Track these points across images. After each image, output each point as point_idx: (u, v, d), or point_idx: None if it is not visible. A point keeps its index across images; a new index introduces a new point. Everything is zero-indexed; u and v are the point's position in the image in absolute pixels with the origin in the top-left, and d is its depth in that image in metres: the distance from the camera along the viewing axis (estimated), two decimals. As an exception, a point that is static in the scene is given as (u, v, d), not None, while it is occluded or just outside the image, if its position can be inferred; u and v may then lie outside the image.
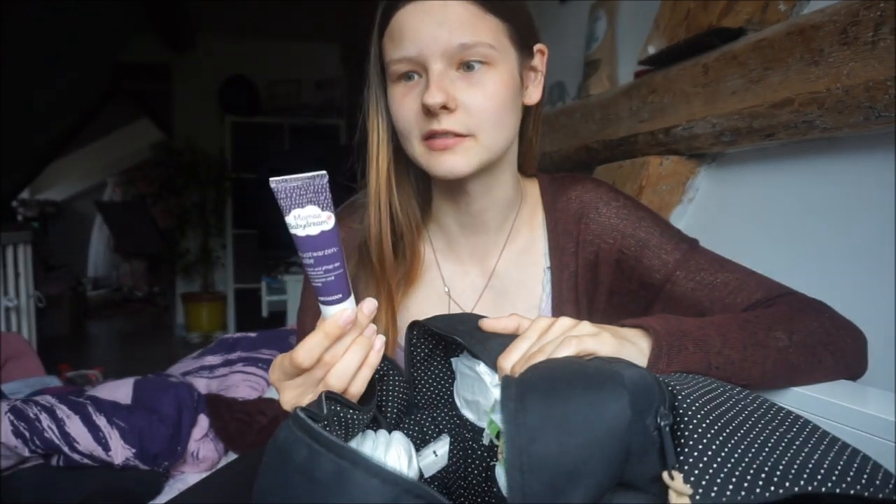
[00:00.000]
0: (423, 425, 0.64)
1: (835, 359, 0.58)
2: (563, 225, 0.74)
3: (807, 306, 0.62)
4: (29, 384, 1.80)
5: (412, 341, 0.64)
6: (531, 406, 0.33)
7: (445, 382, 0.65)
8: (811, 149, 0.94)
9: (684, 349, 0.52)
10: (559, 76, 1.76)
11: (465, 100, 0.62)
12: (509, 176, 0.73)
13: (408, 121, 0.64)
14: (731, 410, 0.40)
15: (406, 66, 0.63)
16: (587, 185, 0.75)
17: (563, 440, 0.32)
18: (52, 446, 1.21)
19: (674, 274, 0.68)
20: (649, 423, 0.35)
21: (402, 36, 0.62)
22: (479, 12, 0.61)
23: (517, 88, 0.66)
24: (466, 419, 0.58)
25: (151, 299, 6.47)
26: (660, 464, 0.35)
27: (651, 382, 0.37)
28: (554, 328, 0.51)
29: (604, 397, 0.34)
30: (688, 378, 0.47)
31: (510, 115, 0.66)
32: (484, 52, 0.61)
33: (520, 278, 0.76)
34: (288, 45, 4.58)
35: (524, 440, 0.32)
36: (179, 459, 1.35)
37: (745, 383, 0.54)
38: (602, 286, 0.73)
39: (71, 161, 6.39)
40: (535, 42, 0.69)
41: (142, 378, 1.53)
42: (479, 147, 0.64)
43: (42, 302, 2.67)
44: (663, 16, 1.18)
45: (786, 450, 0.36)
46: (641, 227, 0.71)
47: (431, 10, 0.60)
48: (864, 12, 0.73)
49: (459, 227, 0.75)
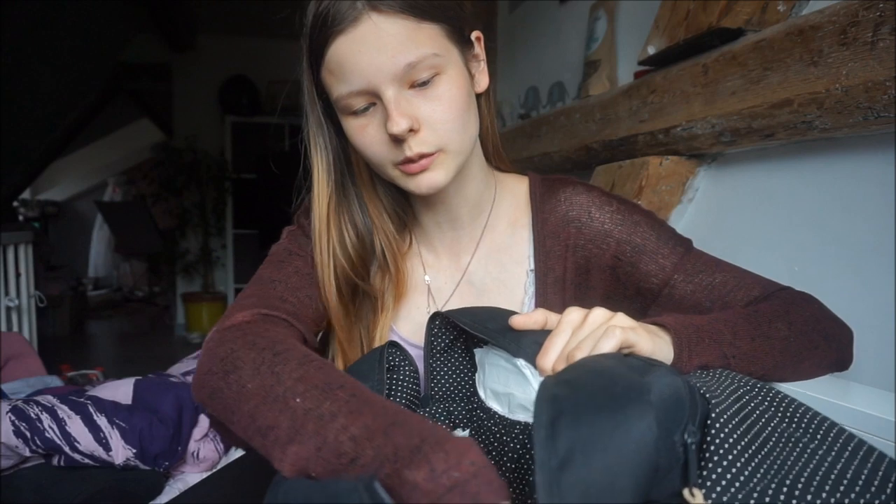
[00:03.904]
0: (438, 418, 0.64)
1: (827, 342, 0.61)
2: (550, 227, 0.73)
3: (799, 298, 0.65)
4: (30, 384, 1.80)
5: (433, 332, 0.64)
6: (560, 433, 0.34)
7: (465, 374, 0.65)
8: (811, 149, 0.94)
9: (701, 342, 0.53)
10: (559, 76, 1.76)
11: (426, 116, 0.61)
12: (477, 170, 0.73)
13: (376, 152, 0.63)
14: (758, 422, 0.40)
15: (359, 101, 0.61)
16: (578, 188, 0.74)
17: (590, 463, 0.33)
18: (53, 446, 1.21)
19: (672, 277, 0.69)
20: (676, 439, 0.35)
21: (344, 70, 0.59)
22: (413, 24, 0.58)
23: (469, 84, 0.65)
24: (493, 411, 0.57)
25: (151, 299, 6.47)
26: (682, 480, 0.35)
27: (683, 396, 0.37)
28: (588, 321, 0.50)
29: (629, 416, 0.34)
30: (715, 381, 0.47)
31: (470, 114, 0.65)
32: (431, 63, 0.59)
33: (500, 277, 0.75)
34: (288, 45, 4.54)
35: (554, 465, 0.33)
36: (180, 459, 1.35)
37: (759, 374, 0.55)
38: (594, 292, 0.73)
39: (71, 161, 6.40)
40: (471, 30, 0.67)
41: (142, 378, 1.53)
42: (451, 155, 0.64)
43: (42, 302, 2.67)
44: (663, 16, 1.18)
45: (807, 463, 0.36)
46: (637, 233, 0.70)
47: (365, 37, 0.57)
48: (863, 13, 0.73)
49: (436, 224, 0.76)
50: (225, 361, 0.52)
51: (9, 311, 2.40)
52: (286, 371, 0.48)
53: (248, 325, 0.58)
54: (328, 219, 0.69)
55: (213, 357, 0.54)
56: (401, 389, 0.64)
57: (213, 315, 4.36)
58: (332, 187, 0.69)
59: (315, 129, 0.68)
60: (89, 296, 6.01)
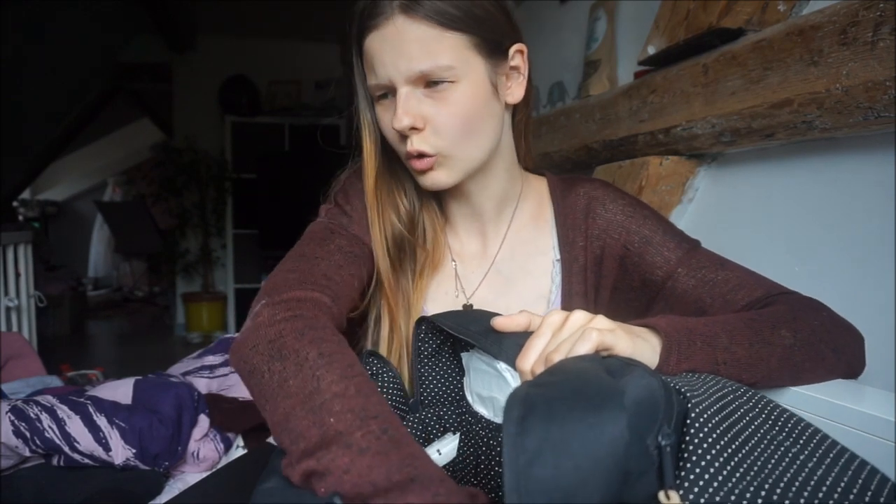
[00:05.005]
0: (428, 423, 0.64)
1: (836, 355, 0.59)
2: (571, 220, 0.77)
3: (807, 305, 0.63)
4: (30, 384, 1.80)
5: (420, 336, 0.65)
6: (530, 430, 0.34)
7: (453, 379, 0.65)
8: (811, 149, 0.94)
9: (693, 345, 0.52)
10: (559, 76, 1.76)
11: (432, 117, 0.64)
12: (503, 171, 0.76)
13: (391, 139, 0.68)
14: (738, 422, 0.40)
15: (380, 91, 0.66)
16: (595, 183, 0.78)
17: (559, 463, 0.32)
18: (53, 446, 1.21)
19: (675, 271, 0.69)
20: (650, 442, 0.35)
21: (373, 62, 0.64)
22: (436, 33, 0.61)
23: (488, 96, 0.66)
24: (480, 415, 0.57)
25: (151, 299, 6.47)
26: (658, 483, 0.35)
27: (658, 399, 0.36)
28: (568, 324, 0.50)
29: (602, 419, 0.34)
30: (700, 381, 0.47)
31: (483, 124, 0.67)
32: (444, 73, 0.62)
33: (526, 267, 0.78)
34: (288, 45, 4.58)
35: (522, 463, 0.33)
36: (180, 459, 1.35)
37: (752, 381, 0.54)
38: (606, 281, 0.75)
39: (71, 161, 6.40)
40: (511, 43, 0.69)
41: (142, 378, 1.53)
42: (454, 160, 0.67)
43: (42, 302, 2.66)
44: (663, 16, 1.18)
45: (788, 465, 0.36)
46: (646, 225, 0.73)
47: (389, 37, 0.62)
48: (863, 12, 0.73)
49: (462, 216, 0.79)
50: (272, 345, 0.53)
51: (9, 311, 2.40)
52: (327, 379, 0.49)
53: (299, 304, 0.58)
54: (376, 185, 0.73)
55: (261, 334, 0.55)
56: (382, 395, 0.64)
57: (213, 315, 4.36)
58: (380, 159, 0.73)
59: (364, 107, 0.72)
60: (89, 296, 6.01)
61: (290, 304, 0.58)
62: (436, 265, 0.77)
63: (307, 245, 0.70)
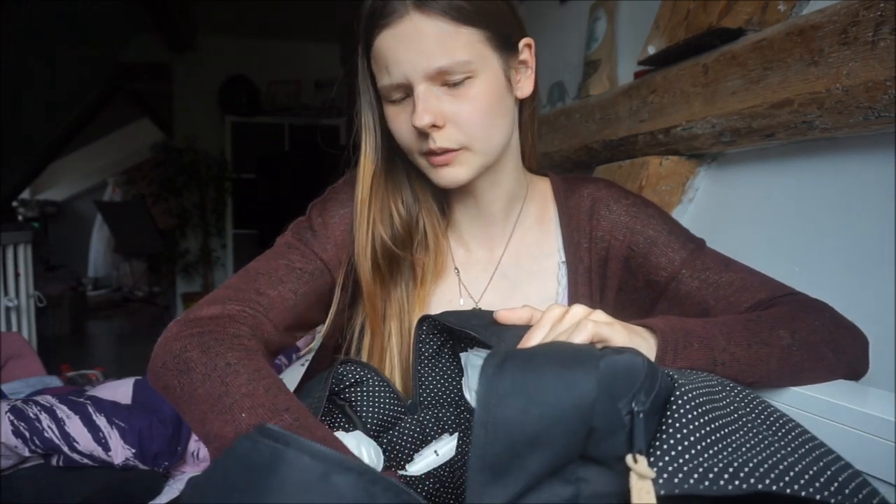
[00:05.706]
0: (426, 425, 0.64)
1: (836, 356, 0.59)
2: (576, 221, 0.76)
3: (809, 306, 0.62)
4: (29, 384, 1.80)
5: (420, 337, 0.65)
6: (506, 374, 0.36)
7: (453, 380, 0.65)
8: (811, 149, 0.94)
9: (689, 346, 0.53)
10: (559, 76, 1.76)
11: (453, 114, 0.64)
12: (512, 168, 0.75)
13: (405, 139, 0.67)
14: (723, 409, 0.40)
15: (395, 93, 0.65)
16: (599, 184, 0.78)
17: (527, 409, 0.34)
18: (52, 446, 1.21)
19: (679, 272, 0.69)
20: (622, 406, 0.36)
21: (386, 62, 0.63)
22: (451, 28, 0.61)
23: (503, 90, 0.67)
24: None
25: (151, 299, 6.47)
26: (627, 446, 0.36)
27: (638, 369, 0.38)
28: (567, 317, 0.51)
29: (574, 373, 0.36)
30: (694, 375, 0.47)
31: (501, 118, 0.67)
32: (462, 69, 0.62)
33: (532, 270, 0.77)
34: (288, 45, 4.58)
35: (493, 402, 0.35)
36: (179, 459, 1.35)
37: (750, 381, 0.54)
38: (610, 282, 0.75)
39: (71, 161, 6.40)
40: (520, 38, 0.69)
41: (142, 378, 1.53)
42: (475, 155, 0.66)
43: (42, 302, 2.66)
44: (663, 16, 1.18)
45: (762, 450, 0.37)
46: (650, 225, 0.72)
47: (404, 34, 0.61)
48: (863, 12, 0.73)
49: (469, 218, 0.78)
50: (178, 360, 0.56)
51: (8, 311, 2.40)
52: (235, 384, 0.52)
53: (209, 321, 0.60)
54: (370, 192, 0.72)
55: (167, 351, 0.57)
56: (367, 403, 0.64)
57: (213, 315, 4.35)
58: (378, 164, 0.72)
59: (366, 110, 0.71)
60: (89, 296, 6.01)
61: (200, 321, 0.60)
62: (438, 272, 0.76)
63: (258, 260, 0.72)
